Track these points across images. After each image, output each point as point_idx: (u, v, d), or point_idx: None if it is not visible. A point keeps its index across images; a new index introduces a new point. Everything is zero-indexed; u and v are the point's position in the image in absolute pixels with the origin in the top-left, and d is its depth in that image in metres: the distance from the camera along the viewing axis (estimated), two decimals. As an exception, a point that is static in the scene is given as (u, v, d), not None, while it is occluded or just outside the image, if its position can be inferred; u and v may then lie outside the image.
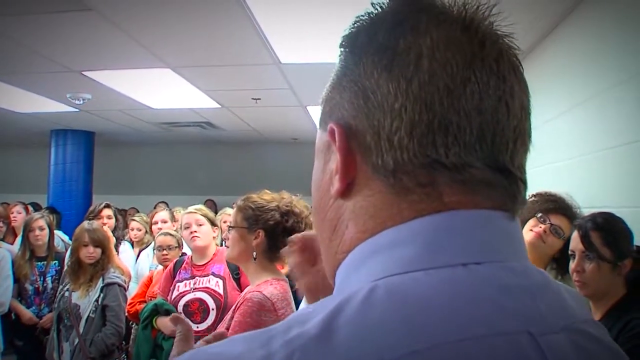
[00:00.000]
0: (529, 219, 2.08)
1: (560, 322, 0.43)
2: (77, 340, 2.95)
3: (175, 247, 3.39)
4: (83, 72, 4.16)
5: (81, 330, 2.96)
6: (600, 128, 2.44)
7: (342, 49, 0.51)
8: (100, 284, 3.07)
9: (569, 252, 1.78)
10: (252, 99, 5.17)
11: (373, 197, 0.46)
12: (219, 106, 5.55)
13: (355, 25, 0.50)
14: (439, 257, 0.42)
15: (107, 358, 2.98)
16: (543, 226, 2.04)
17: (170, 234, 3.46)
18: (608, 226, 1.71)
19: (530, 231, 2.06)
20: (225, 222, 3.85)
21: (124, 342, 3.24)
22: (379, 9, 0.49)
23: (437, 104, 0.43)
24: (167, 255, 3.32)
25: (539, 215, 2.06)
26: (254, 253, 1.89)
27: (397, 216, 0.45)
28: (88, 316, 2.99)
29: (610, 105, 2.33)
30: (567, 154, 2.83)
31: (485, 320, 0.40)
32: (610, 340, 0.49)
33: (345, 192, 0.48)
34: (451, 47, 0.45)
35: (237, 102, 5.44)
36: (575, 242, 1.75)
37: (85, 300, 3.02)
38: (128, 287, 3.56)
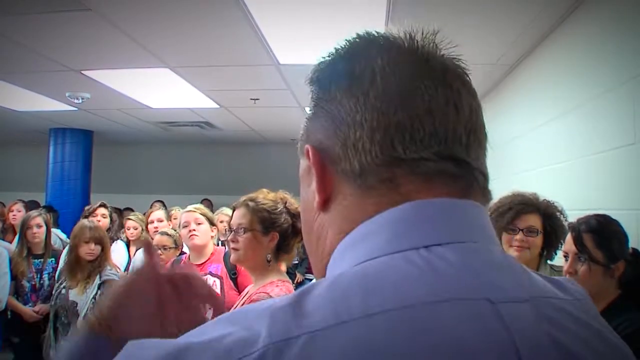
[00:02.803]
0: (500, 236, 2.07)
1: (525, 295, 0.46)
2: (74, 338, 2.95)
3: (171, 247, 3.39)
4: (82, 72, 4.17)
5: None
6: (596, 131, 2.46)
7: (311, 85, 0.59)
8: (97, 281, 3.07)
9: (563, 254, 1.79)
10: (251, 99, 5.17)
11: (346, 200, 0.53)
12: (218, 106, 5.55)
13: (321, 62, 0.58)
14: (403, 242, 0.47)
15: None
16: (517, 237, 2.04)
17: (168, 234, 3.46)
18: (601, 229, 1.71)
19: (510, 247, 2.05)
20: (221, 221, 3.83)
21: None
22: (340, 47, 0.57)
23: (391, 111, 0.50)
24: (161, 255, 3.32)
25: (508, 228, 2.05)
26: (268, 256, 1.89)
27: (364, 213, 0.51)
28: (85, 313, 2.99)
29: (605, 109, 2.35)
30: (563, 156, 2.85)
31: (442, 288, 0.43)
32: (599, 323, 0.50)
33: (325, 204, 0.54)
34: (399, 65, 0.52)
35: (236, 103, 5.44)
36: (569, 244, 1.76)
37: (83, 297, 3.02)
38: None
